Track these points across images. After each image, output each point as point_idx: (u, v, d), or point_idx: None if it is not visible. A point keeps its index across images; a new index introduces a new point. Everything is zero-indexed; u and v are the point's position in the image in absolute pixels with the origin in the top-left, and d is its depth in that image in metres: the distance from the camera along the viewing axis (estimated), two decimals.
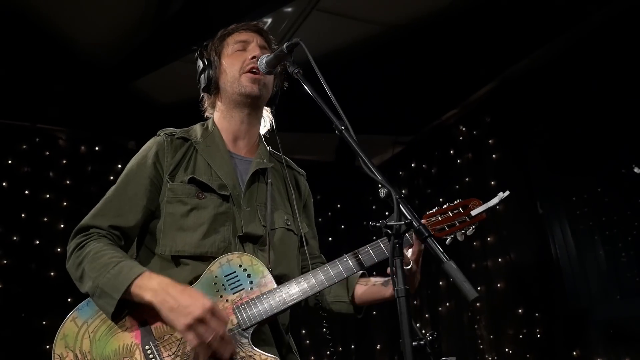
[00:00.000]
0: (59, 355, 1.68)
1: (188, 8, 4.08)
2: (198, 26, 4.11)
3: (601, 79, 4.26)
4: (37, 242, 4.88)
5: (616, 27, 4.15)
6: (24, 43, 4.34)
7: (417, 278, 1.86)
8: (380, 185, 1.45)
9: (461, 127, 5.45)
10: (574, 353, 4.30)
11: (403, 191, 5.95)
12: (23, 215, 4.90)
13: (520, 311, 4.66)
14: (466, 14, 4.32)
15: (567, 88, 4.49)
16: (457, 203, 1.96)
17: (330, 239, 6.25)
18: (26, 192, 4.94)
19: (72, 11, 4.11)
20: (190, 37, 4.19)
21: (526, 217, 4.71)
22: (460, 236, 1.94)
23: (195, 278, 1.79)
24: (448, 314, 5.34)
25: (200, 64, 2.09)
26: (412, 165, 6.03)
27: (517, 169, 4.82)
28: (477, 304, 4.95)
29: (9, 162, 4.94)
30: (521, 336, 4.62)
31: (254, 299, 1.76)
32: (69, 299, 4.04)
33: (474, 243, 5.05)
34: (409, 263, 1.79)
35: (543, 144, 4.77)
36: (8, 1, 3.96)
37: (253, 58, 1.98)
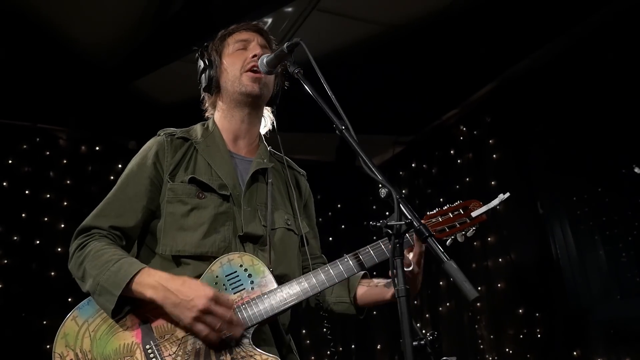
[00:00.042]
0: (60, 354, 1.68)
1: (188, 8, 4.08)
2: (198, 26, 4.11)
3: (602, 79, 4.26)
4: (38, 242, 4.88)
5: (617, 27, 4.15)
6: (25, 43, 4.34)
7: (419, 280, 1.85)
8: (380, 185, 1.45)
9: (462, 127, 5.45)
10: (574, 353, 4.30)
11: (403, 191, 5.95)
12: (23, 215, 4.90)
13: (520, 311, 4.66)
14: (467, 14, 4.32)
15: (568, 88, 4.49)
16: (458, 204, 1.96)
17: (330, 239, 6.24)
18: (27, 192, 4.94)
19: (73, 11, 4.11)
20: (190, 37, 4.18)
21: (527, 217, 4.71)
22: (460, 237, 1.94)
23: (196, 278, 1.78)
24: (448, 314, 5.34)
25: (201, 64, 2.09)
26: (413, 165, 6.03)
27: (518, 169, 4.82)
28: (478, 304, 4.94)
29: (10, 162, 4.95)
30: (521, 336, 4.61)
31: (255, 299, 1.76)
32: (70, 299, 4.05)
33: (475, 243, 5.05)
34: (410, 265, 1.79)
35: (543, 144, 4.76)
36: (8, 1, 3.96)
37: (254, 57, 1.98)
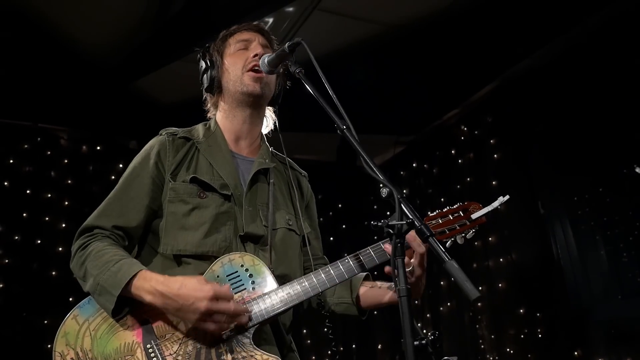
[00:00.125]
0: (60, 353, 1.68)
1: (189, 8, 4.08)
2: (199, 26, 4.11)
3: (602, 79, 4.25)
4: (39, 242, 4.88)
5: (617, 27, 4.14)
6: (26, 43, 4.34)
7: (423, 283, 1.85)
8: (381, 184, 1.45)
9: (462, 127, 5.45)
10: (575, 353, 4.29)
11: (404, 191, 5.95)
12: (24, 214, 4.90)
13: (521, 311, 4.66)
14: (467, 14, 4.32)
15: (569, 88, 4.48)
16: (458, 207, 1.97)
17: (331, 239, 6.24)
18: (28, 192, 4.94)
19: (74, 11, 4.11)
20: (191, 37, 4.18)
21: (528, 217, 4.70)
22: (460, 239, 1.95)
23: None
24: (449, 314, 5.34)
25: (202, 64, 2.09)
26: (414, 165, 6.02)
27: (519, 169, 4.81)
28: (479, 304, 4.94)
29: (11, 162, 4.95)
30: (522, 336, 4.61)
31: (256, 299, 1.76)
32: (70, 298, 4.05)
33: (475, 243, 5.04)
34: (410, 265, 1.78)
35: (544, 144, 4.76)
36: (9, 1, 3.96)
37: (255, 56, 1.99)
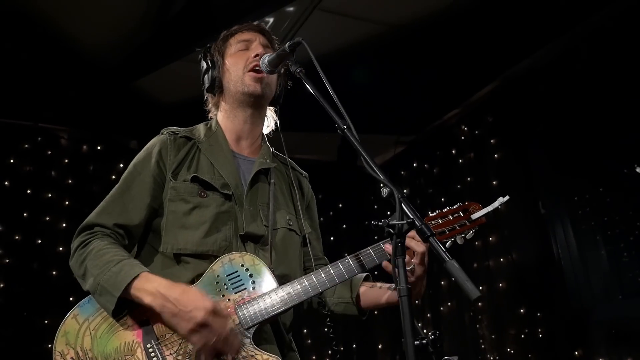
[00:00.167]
0: (60, 352, 1.68)
1: (190, 7, 4.08)
2: (200, 26, 4.11)
3: (603, 79, 4.25)
4: (39, 242, 4.88)
5: (618, 27, 4.14)
6: (26, 42, 4.34)
7: (423, 285, 1.84)
8: (382, 184, 1.45)
9: (463, 127, 5.44)
10: (576, 353, 4.29)
11: (405, 191, 5.94)
12: (25, 214, 4.89)
13: (522, 311, 4.65)
14: (468, 14, 4.31)
15: (569, 88, 4.48)
16: (458, 207, 1.97)
17: (332, 239, 6.24)
18: (28, 192, 4.94)
19: (74, 11, 4.11)
20: (192, 37, 4.18)
21: (528, 217, 4.69)
22: (460, 240, 1.95)
23: (197, 277, 1.79)
24: (450, 314, 5.34)
25: (204, 65, 2.09)
26: (414, 164, 6.02)
27: (519, 169, 4.81)
28: (479, 304, 4.94)
29: (11, 161, 4.94)
30: (523, 336, 4.61)
31: (256, 299, 1.76)
32: (71, 298, 4.05)
33: (476, 243, 5.04)
34: (410, 265, 1.78)
35: (545, 144, 4.75)
36: (10, 0, 3.96)
37: (256, 56, 1.99)
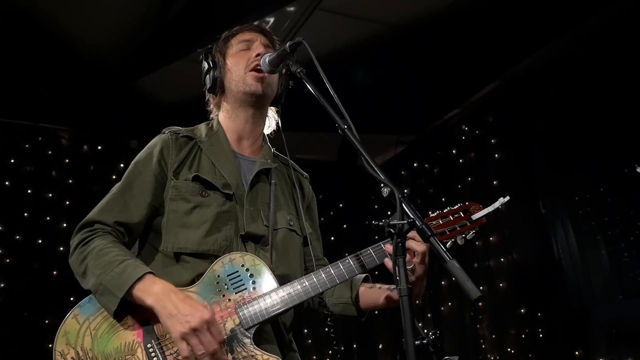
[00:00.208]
0: (60, 352, 1.68)
1: (190, 7, 4.08)
2: (200, 25, 4.11)
3: (603, 79, 4.25)
4: (40, 241, 4.87)
5: (619, 27, 4.14)
6: (27, 42, 4.34)
7: (423, 286, 1.84)
8: (382, 184, 1.45)
9: (463, 127, 5.44)
10: (576, 353, 4.29)
11: (405, 191, 5.94)
12: (26, 214, 4.89)
13: (522, 311, 4.65)
14: (468, 14, 4.31)
15: (570, 88, 4.48)
16: (458, 207, 1.97)
17: (332, 239, 6.24)
18: (29, 191, 4.94)
19: (75, 10, 4.11)
20: (192, 37, 4.18)
21: (529, 217, 4.69)
22: (460, 240, 1.95)
23: (197, 276, 1.79)
24: (450, 314, 5.33)
25: (205, 65, 2.10)
26: (415, 164, 6.02)
27: (520, 169, 4.80)
28: (480, 304, 4.93)
29: (12, 161, 4.94)
30: (523, 336, 4.60)
31: (257, 299, 1.76)
32: (72, 298, 4.05)
33: (476, 243, 5.04)
34: (411, 264, 1.78)
35: (545, 144, 4.75)
36: (10, 0, 3.96)
37: (257, 56, 1.99)
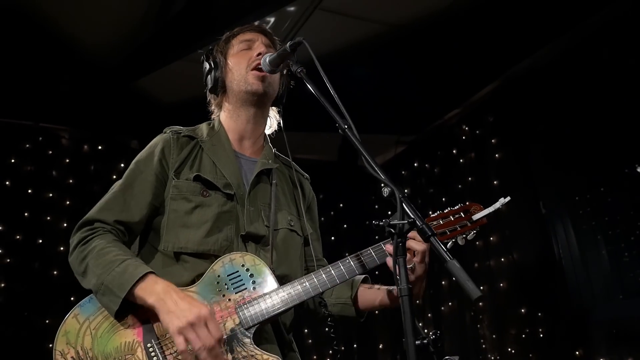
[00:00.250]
0: (60, 351, 1.68)
1: (191, 7, 4.08)
2: (201, 25, 4.11)
3: (604, 78, 4.25)
4: (40, 241, 4.88)
5: (619, 27, 4.14)
6: (27, 42, 4.34)
7: (423, 286, 1.84)
8: (383, 184, 1.45)
9: (464, 127, 5.44)
10: (577, 353, 4.29)
11: (406, 191, 5.94)
12: (26, 214, 4.89)
13: (522, 311, 4.65)
14: (469, 13, 4.31)
15: (570, 87, 4.47)
16: (459, 207, 1.97)
17: (332, 239, 6.24)
18: (29, 191, 4.94)
19: (75, 10, 4.11)
20: (192, 37, 4.19)
21: (529, 217, 4.69)
22: (461, 240, 1.95)
23: (197, 276, 1.79)
24: (451, 314, 5.33)
25: (206, 66, 2.10)
26: (415, 164, 6.02)
27: (520, 169, 4.80)
28: (480, 304, 4.93)
29: (12, 161, 4.95)
30: (524, 336, 4.60)
31: (257, 299, 1.76)
32: (72, 298, 4.05)
33: (477, 242, 5.03)
34: (411, 263, 1.78)
35: (546, 144, 4.75)
36: (10, 0, 3.96)
37: (259, 55, 1.99)
